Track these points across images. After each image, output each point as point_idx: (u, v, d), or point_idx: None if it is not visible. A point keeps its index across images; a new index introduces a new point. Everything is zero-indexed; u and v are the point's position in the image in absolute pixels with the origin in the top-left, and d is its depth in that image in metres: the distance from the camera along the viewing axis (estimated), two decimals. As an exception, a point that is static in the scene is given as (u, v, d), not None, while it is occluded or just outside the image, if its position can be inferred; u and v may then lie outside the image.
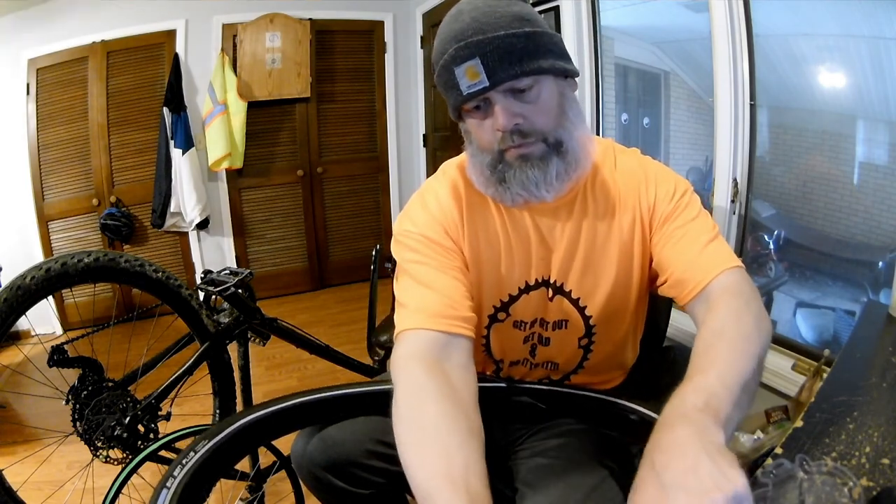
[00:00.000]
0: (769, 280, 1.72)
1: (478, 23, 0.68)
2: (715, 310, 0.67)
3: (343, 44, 3.40)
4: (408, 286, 0.76)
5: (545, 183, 0.73)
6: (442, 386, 0.63)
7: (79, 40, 2.87)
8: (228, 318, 1.46)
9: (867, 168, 1.42)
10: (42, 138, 2.91)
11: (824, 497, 0.51)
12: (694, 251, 0.74)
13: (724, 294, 0.69)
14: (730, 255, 0.74)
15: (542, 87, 0.71)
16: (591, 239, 0.80)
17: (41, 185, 2.95)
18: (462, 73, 0.68)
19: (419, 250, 0.79)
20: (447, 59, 0.69)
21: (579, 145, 0.75)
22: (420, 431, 0.59)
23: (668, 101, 2.08)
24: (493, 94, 0.69)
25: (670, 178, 0.81)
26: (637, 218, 0.80)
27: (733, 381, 0.56)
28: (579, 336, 0.86)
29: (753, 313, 0.65)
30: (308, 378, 2.43)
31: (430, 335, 0.69)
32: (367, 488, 0.85)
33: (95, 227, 3.05)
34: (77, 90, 2.93)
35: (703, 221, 0.77)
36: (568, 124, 0.74)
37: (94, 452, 1.25)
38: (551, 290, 0.83)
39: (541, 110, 0.71)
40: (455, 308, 0.72)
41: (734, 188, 1.58)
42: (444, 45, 0.70)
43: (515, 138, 0.71)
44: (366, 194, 3.61)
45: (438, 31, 0.72)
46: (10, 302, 1.11)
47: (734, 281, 0.71)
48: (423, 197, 0.85)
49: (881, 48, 1.35)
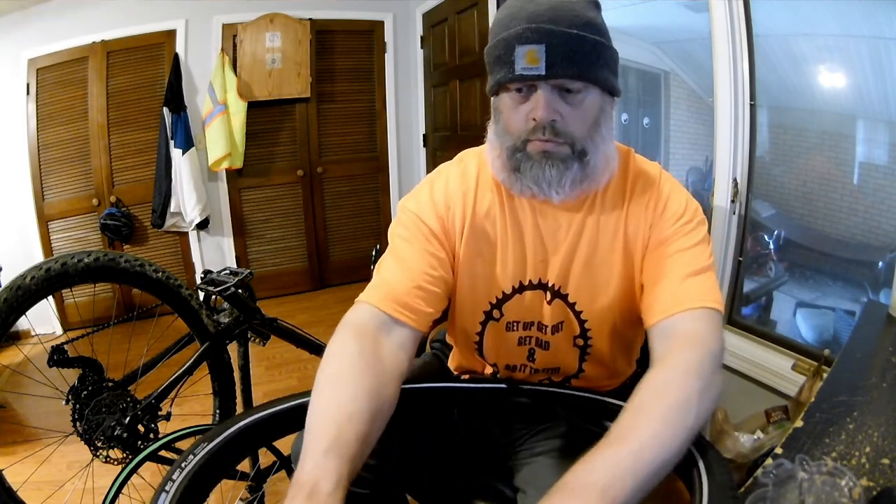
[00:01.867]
0: (769, 280, 1.72)
1: (554, 12, 0.68)
2: (664, 363, 0.65)
3: (343, 44, 3.40)
4: (387, 258, 0.81)
5: (558, 185, 0.73)
6: (365, 351, 0.67)
7: (79, 40, 2.87)
8: (228, 318, 1.46)
9: (867, 168, 1.42)
10: (42, 138, 2.91)
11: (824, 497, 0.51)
12: (673, 279, 0.73)
13: (683, 343, 0.66)
14: (709, 294, 0.71)
15: (588, 94, 0.71)
16: (593, 245, 0.79)
17: (41, 185, 2.95)
18: (522, 54, 0.68)
19: (409, 228, 0.81)
20: (512, 34, 0.69)
21: (602, 160, 0.75)
22: (326, 380, 0.65)
23: (668, 101, 2.08)
24: (542, 84, 0.69)
25: (682, 200, 0.79)
26: (642, 231, 0.78)
27: (648, 466, 0.53)
28: (574, 335, 0.85)
29: (703, 374, 0.62)
30: (308, 378, 2.43)
31: (378, 313, 0.72)
32: (366, 488, 0.85)
33: (95, 227, 3.05)
34: (77, 90, 2.93)
35: (697, 252, 0.75)
36: (598, 138, 0.74)
37: (94, 452, 1.24)
38: (549, 293, 0.82)
39: (579, 116, 0.72)
40: (413, 296, 0.74)
41: (734, 188, 1.58)
42: (513, 20, 0.69)
43: (546, 133, 0.71)
44: (366, 194, 3.60)
45: (508, 4, 0.72)
46: (10, 302, 1.11)
47: (699, 328, 0.68)
48: (432, 181, 0.85)
49: (881, 48, 1.35)
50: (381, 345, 0.70)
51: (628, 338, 0.88)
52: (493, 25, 0.74)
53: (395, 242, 0.81)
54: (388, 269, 0.78)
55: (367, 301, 0.74)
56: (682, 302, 0.70)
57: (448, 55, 3.23)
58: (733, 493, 0.55)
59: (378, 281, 0.77)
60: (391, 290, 0.74)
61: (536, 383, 0.90)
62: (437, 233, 0.81)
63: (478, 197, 0.82)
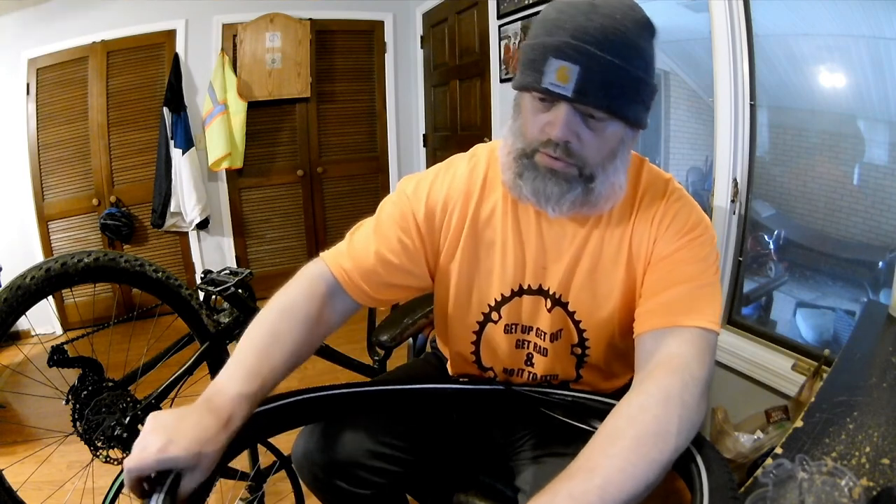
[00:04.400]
0: (769, 280, 1.72)
1: (604, 33, 0.63)
2: (643, 386, 0.62)
3: (343, 44, 3.40)
4: (366, 226, 0.83)
5: (556, 203, 0.71)
6: (311, 313, 0.75)
7: (79, 40, 2.87)
8: (228, 317, 1.46)
9: (867, 168, 1.42)
10: (42, 138, 2.91)
11: (824, 497, 0.51)
12: (670, 292, 0.70)
13: (666, 367, 0.64)
14: (705, 313, 0.68)
15: (611, 125, 0.68)
16: (597, 257, 0.77)
17: (41, 185, 2.95)
18: (555, 68, 0.64)
19: (397, 209, 0.82)
20: (551, 43, 0.64)
21: (608, 189, 0.72)
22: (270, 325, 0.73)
23: (668, 101, 2.08)
24: (566, 104, 0.66)
25: (690, 215, 0.75)
26: (646, 245, 0.76)
27: (615, 498, 0.52)
28: (572, 344, 0.84)
29: (685, 402, 0.59)
30: (308, 378, 2.43)
31: (332, 278, 0.79)
32: (367, 488, 0.85)
33: (95, 227, 3.05)
34: (77, 90, 2.93)
35: (701, 268, 0.72)
36: (611, 168, 0.71)
37: (94, 452, 1.24)
38: (549, 300, 0.81)
39: (597, 143, 0.68)
40: (367, 276, 0.79)
41: (734, 188, 1.58)
42: (557, 29, 0.65)
43: (558, 151, 0.68)
44: (366, 194, 3.60)
45: (560, 4, 0.67)
46: (10, 302, 1.11)
47: (685, 351, 0.65)
48: (438, 172, 0.84)
49: (881, 48, 1.35)
50: (324, 307, 0.77)
51: (626, 349, 0.86)
52: (538, 20, 0.69)
53: (380, 216, 0.83)
54: (360, 238, 0.82)
55: (328, 263, 0.80)
56: (674, 316, 0.68)
57: (448, 55, 3.23)
58: (733, 493, 0.55)
59: (346, 247, 0.81)
60: (353, 261, 0.79)
61: (535, 385, 0.90)
62: (422, 227, 0.81)
63: (483, 197, 0.81)
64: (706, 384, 0.63)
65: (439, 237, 0.82)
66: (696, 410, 0.61)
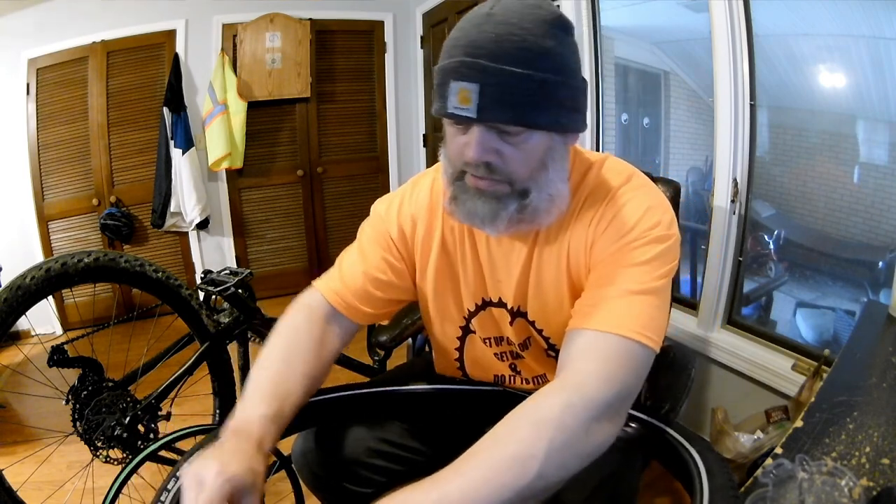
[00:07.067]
0: (769, 280, 1.73)
1: (498, 44, 0.59)
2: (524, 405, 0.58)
3: (343, 44, 3.40)
4: (351, 251, 0.86)
5: (491, 223, 0.67)
6: (313, 335, 0.77)
7: (79, 40, 2.87)
8: (228, 318, 1.46)
9: (867, 168, 1.42)
10: (42, 138, 2.90)
11: (824, 497, 0.51)
12: (595, 294, 0.66)
13: (559, 381, 0.60)
14: (632, 320, 0.62)
15: (532, 136, 0.64)
16: (540, 273, 0.75)
17: (41, 185, 2.95)
18: (455, 91, 0.61)
19: (375, 230, 0.84)
20: (448, 66, 0.62)
21: (546, 202, 0.68)
22: (275, 346, 0.76)
23: (668, 101, 2.08)
24: (476, 124, 0.62)
25: (636, 214, 0.68)
26: (584, 251, 0.71)
27: None
28: (544, 349, 0.83)
29: (565, 426, 0.55)
30: (308, 378, 2.43)
31: (326, 304, 0.81)
32: (368, 487, 0.85)
33: (95, 227, 3.05)
34: (77, 90, 2.92)
35: (640, 272, 0.65)
36: (543, 179, 0.66)
37: (94, 452, 1.25)
38: (510, 314, 0.80)
39: (520, 157, 0.64)
40: (359, 296, 0.81)
41: (734, 188, 1.58)
42: (455, 48, 0.62)
43: (480, 170, 0.65)
44: (366, 194, 3.59)
45: (459, 23, 0.64)
46: (10, 302, 1.11)
47: (586, 368, 0.60)
48: (405, 191, 0.85)
49: (881, 48, 1.35)
50: (325, 331, 0.79)
51: None
52: (445, 42, 0.65)
53: (361, 238, 0.86)
54: (348, 263, 0.84)
55: (321, 290, 0.82)
56: (588, 319, 0.63)
57: (448, 55, 3.22)
58: (733, 494, 0.56)
59: (336, 273, 0.83)
60: (344, 284, 0.81)
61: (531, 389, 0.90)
62: (397, 243, 0.82)
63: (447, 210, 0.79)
64: (606, 406, 0.57)
65: (414, 253, 0.83)
66: (581, 434, 0.55)
